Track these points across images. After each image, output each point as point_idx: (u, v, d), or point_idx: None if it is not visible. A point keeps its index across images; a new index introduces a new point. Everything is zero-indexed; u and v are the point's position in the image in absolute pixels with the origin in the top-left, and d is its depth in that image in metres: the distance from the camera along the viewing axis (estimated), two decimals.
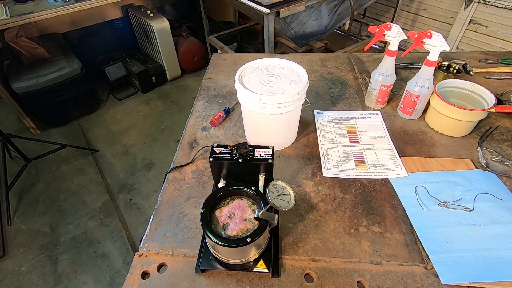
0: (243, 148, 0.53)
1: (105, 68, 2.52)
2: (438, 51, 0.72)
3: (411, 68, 1.07)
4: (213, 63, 1.16)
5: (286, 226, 0.62)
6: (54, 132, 2.34)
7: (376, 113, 0.89)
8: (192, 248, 0.59)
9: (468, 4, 2.14)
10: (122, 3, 2.59)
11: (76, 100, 2.31)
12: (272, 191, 0.50)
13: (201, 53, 2.82)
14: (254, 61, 0.77)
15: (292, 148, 0.80)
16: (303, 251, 0.58)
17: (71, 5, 1.97)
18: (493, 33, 2.12)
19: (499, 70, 1.01)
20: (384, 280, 0.53)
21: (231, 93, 0.99)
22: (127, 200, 1.80)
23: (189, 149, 0.81)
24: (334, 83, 1.02)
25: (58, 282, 1.44)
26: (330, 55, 1.19)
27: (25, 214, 1.77)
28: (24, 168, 1.91)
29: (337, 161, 0.75)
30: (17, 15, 1.84)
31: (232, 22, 3.00)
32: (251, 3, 1.60)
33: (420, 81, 0.78)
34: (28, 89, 2.03)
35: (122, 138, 2.26)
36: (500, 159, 0.72)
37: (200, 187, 0.71)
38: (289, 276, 0.54)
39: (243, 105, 0.72)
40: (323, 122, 0.87)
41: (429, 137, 0.80)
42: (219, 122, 0.88)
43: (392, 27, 0.77)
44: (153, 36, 2.49)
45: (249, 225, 0.47)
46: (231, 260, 0.51)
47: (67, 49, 2.35)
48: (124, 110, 2.53)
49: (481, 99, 0.79)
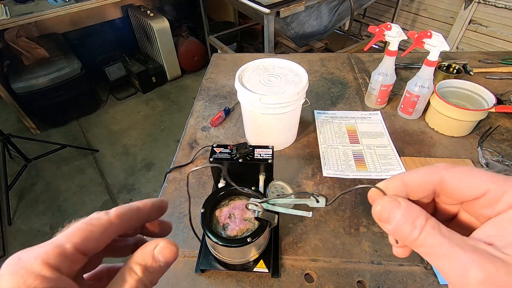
0: (243, 148, 0.53)
1: (105, 68, 2.52)
2: (438, 51, 0.72)
3: (411, 68, 1.07)
4: (213, 63, 1.16)
5: (286, 226, 0.62)
6: (54, 132, 2.34)
7: (376, 113, 0.89)
8: (192, 248, 0.59)
9: (468, 4, 2.14)
10: (122, 3, 2.59)
11: (76, 100, 2.31)
12: (272, 191, 0.50)
13: (201, 53, 2.82)
14: (254, 61, 0.77)
15: (292, 148, 0.80)
16: (303, 251, 0.58)
17: (71, 5, 1.97)
18: (493, 33, 2.12)
19: (499, 70, 1.01)
20: (384, 280, 0.53)
21: (231, 93, 0.99)
22: (127, 200, 1.80)
23: (189, 149, 0.81)
24: (334, 83, 1.02)
25: None
26: (330, 55, 1.19)
27: (25, 214, 1.77)
28: (24, 168, 1.91)
29: (337, 161, 0.75)
30: (17, 15, 1.84)
31: (232, 22, 3.01)
32: (251, 3, 1.60)
33: (420, 81, 0.78)
34: (28, 89, 2.03)
35: (122, 138, 2.26)
36: (500, 159, 0.72)
37: (200, 187, 0.71)
38: (289, 276, 0.54)
39: (243, 105, 0.72)
40: (323, 122, 0.87)
41: (429, 137, 0.80)
42: (219, 122, 0.88)
43: (392, 27, 0.77)
44: (153, 36, 2.49)
45: (249, 225, 0.47)
46: (231, 260, 0.51)
47: (67, 49, 2.35)
48: (124, 110, 2.53)
49: (481, 99, 0.79)
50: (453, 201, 0.22)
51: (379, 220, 0.21)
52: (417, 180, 0.22)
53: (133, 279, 0.19)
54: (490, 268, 0.16)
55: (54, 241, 0.18)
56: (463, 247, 0.17)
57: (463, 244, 0.17)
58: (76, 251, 0.18)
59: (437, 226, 0.19)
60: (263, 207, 0.37)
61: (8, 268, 0.17)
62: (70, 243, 0.18)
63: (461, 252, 0.17)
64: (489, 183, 0.19)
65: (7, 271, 0.16)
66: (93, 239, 0.19)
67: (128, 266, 0.20)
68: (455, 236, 0.18)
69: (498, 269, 0.16)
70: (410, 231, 0.19)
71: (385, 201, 0.21)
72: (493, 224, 0.19)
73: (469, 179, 0.20)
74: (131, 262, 0.20)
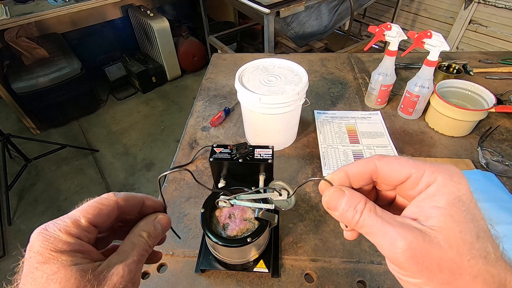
0: (243, 148, 0.53)
1: (105, 68, 2.52)
2: (438, 51, 0.72)
3: (411, 68, 1.07)
4: (213, 63, 1.16)
5: (286, 226, 0.62)
6: (54, 132, 2.34)
7: (376, 113, 0.89)
8: (192, 248, 0.59)
9: (468, 4, 2.14)
10: (122, 3, 2.59)
11: (76, 100, 2.31)
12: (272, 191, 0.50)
13: (201, 53, 2.82)
14: (254, 61, 0.77)
15: (292, 148, 0.80)
16: (303, 251, 0.58)
17: (71, 5, 1.97)
18: (493, 33, 2.12)
19: (499, 70, 1.01)
20: (384, 280, 0.53)
21: (231, 93, 0.99)
22: None
23: (189, 149, 0.81)
24: (334, 83, 1.02)
25: None
26: (330, 55, 1.19)
27: (25, 214, 1.77)
28: (24, 168, 1.91)
29: (337, 161, 0.75)
30: (17, 15, 1.84)
31: (232, 22, 3.00)
32: (251, 3, 1.60)
33: (420, 81, 0.78)
34: (28, 89, 2.03)
35: (122, 138, 2.26)
36: (500, 159, 0.72)
37: (200, 187, 0.71)
38: (289, 276, 0.54)
39: (243, 105, 0.72)
40: (323, 122, 0.87)
41: (429, 137, 0.80)
42: (219, 122, 0.88)
43: (392, 27, 0.77)
44: (153, 36, 2.49)
45: (249, 225, 0.47)
46: (231, 260, 0.51)
47: (67, 49, 2.35)
48: (124, 110, 2.53)
49: (481, 99, 0.79)
50: (388, 186, 0.25)
51: (328, 208, 0.24)
52: (357, 170, 0.25)
53: (141, 242, 0.25)
54: (411, 238, 0.19)
55: (71, 215, 0.23)
56: (392, 224, 0.21)
57: (393, 221, 0.21)
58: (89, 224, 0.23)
59: (373, 209, 0.22)
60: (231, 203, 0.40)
61: (38, 237, 0.21)
62: (84, 218, 0.23)
63: (390, 228, 0.20)
64: (411, 168, 0.22)
65: (38, 239, 0.21)
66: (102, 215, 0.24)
67: (134, 233, 0.25)
68: (387, 215, 0.22)
69: (416, 238, 0.19)
70: (353, 215, 0.22)
71: (331, 192, 0.24)
72: (416, 202, 0.22)
73: (395, 166, 0.23)
74: (137, 230, 0.26)
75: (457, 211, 0.20)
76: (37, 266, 0.20)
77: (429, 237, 0.19)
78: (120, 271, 0.22)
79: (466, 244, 0.19)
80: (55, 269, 0.20)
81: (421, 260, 0.19)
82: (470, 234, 0.19)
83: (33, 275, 0.20)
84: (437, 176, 0.21)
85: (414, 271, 0.20)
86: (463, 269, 0.19)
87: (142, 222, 0.26)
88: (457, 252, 0.19)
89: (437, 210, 0.20)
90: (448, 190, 0.21)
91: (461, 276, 0.19)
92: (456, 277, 0.19)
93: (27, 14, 1.86)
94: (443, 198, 0.21)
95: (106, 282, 0.21)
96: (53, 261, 0.20)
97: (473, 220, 0.20)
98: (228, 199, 0.40)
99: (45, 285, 0.20)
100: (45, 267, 0.20)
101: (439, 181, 0.21)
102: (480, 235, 0.20)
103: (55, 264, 0.20)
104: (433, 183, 0.21)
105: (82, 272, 0.20)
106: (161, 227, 0.27)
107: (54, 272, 0.20)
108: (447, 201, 0.20)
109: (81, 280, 0.20)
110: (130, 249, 0.24)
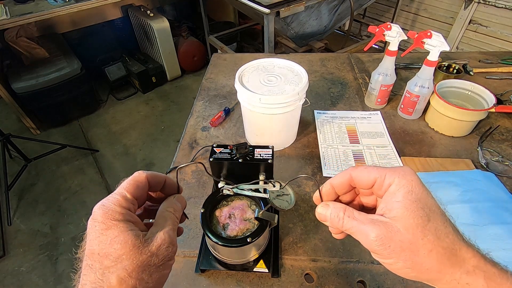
0: (243, 148, 0.53)
1: (105, 68, 2.52)
2: (438, 51, 0.72)
3: (411, 68, 1.07)
4: (213, 63, 1.16)
5: (286, 226, 0.62)
6: (54, 132, 2.34)
7: (376, 113, 0.89)
8: (192, 248, 0.59)
9: (468, 4, 2.14)
10: (122, 3, 2.59)
11: (76, 100, 2.31)
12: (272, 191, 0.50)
13: (201, 53, 2.82)
14: (254, 61, 0.77)
15: (292, 148, 0.80)
16: (303, 251, 0.58)
17: (71, 5, 1.97)
18: (493, 33, 2.12)
19: (499, 70, 1.01)
20: (384, 280, 0.53)
21: (231, 93, 0.99)
22: None
23: (189, 149, 0.81)
24: (334, 83, 1.02)
25: (58, 282, 1.45)
26: (330, 55, 1.19)
27: (25, 214, 1.77)
28: (24, 168, 1.91)
29: (337, 161, 0.75)
30: (17, 15, 1.84)
31: (232, 22, 3.00)
32: (251, 3, 1.60)
33: (420, 81, 0.78)
34: (28, 89, 2.03)
35: (122, 138, 2.26)
36: (500, 159, 0.72)
37: (200, 187, 0.71)
38: (289, 276, 0.54)
39: (243, 105, 0.72)
40: (323, 122, 0.87)
41: (429, 137, 0.80)
42: (219, 122, 0.88)
43: (392, 27, 0.77)
44: (153, 36, 2.49)
45: (249, 225, 0.47)
46: (231, 260, 0.51)
47: (67, 49, 2.35)
48: (124, 110, 2.53)
49: (481, 99, 0.79)
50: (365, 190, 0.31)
51: (320, 219, 0.32)
52: (338, 180, 0.31)
53: (171, 215, 0.31)
54: (378, 230, 0.25)
55: (118, 192, 0.29)
56: (365, 222, 0.27)
57: (366, 220, 0.27)
58: (132, 197, 0.29)
59: (351, 213, 0.28)
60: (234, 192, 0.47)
61: (99, 211, 0.27)
62: (129, 192, 0.29)
63: (364, 226, 0.27)
64: (376, 174, 0.28)
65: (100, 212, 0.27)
66: (140, 189, 0.30)
67: (162, 210, 0.32)
68: (362, 216, 0.28)
69: (382, 229, 0.25)
70: (337, 222, 0.29)
71: (319, 207, 0.31)
72: (382, 201, 0.28)
73: (364, 174, 0.29)
74: (164, 207, 0.32)
75: (410, 202, 0.25)
76: (102, 232, 0.26)
77: (391, 226, 0.25)
78: (162, 235, 0.28)
79: (418, 227, 0.24)
80: (116, 233, 0.26)
81: (387, 245, 0.25)
82: (422, 218, 0.25)
83: (99, 239, 0.26)
84: (395, 177, 0.27)
85: (385, 254, 0.25)
86: (419, 246, 0.24)
87: (166, 202, 0.33)
88: (412, 234, 0.24)
89: (396, 203, 0.26)
90: (403, 187, 0.26)
91: (418, 252, 0.24)
92: (415, 254, 0.24)
93: (27, 14, 1.86)
94: (400, 194, 0.26)
95: (153, 243, 0.27)
96: (114, 227, 0.26)
97: (424, 207, 0.25)
98: (232, 187, 0.46)
99: (110, 246, 0.25)
100: (109, 232, 0.26)
101: (396, 181, 0.27)
102: (431, 217, 0.25)
103: (116, 230, 0.26)
104: (392, 183, 0.27)
105: (135, 236, 0.26)
106: (180, 204, 0.34)
107: (115, 236, 0.26)
108: (403, 196, 0.26)
109: (136, 241, 0.26)
110: (164, 221, 0.30)
